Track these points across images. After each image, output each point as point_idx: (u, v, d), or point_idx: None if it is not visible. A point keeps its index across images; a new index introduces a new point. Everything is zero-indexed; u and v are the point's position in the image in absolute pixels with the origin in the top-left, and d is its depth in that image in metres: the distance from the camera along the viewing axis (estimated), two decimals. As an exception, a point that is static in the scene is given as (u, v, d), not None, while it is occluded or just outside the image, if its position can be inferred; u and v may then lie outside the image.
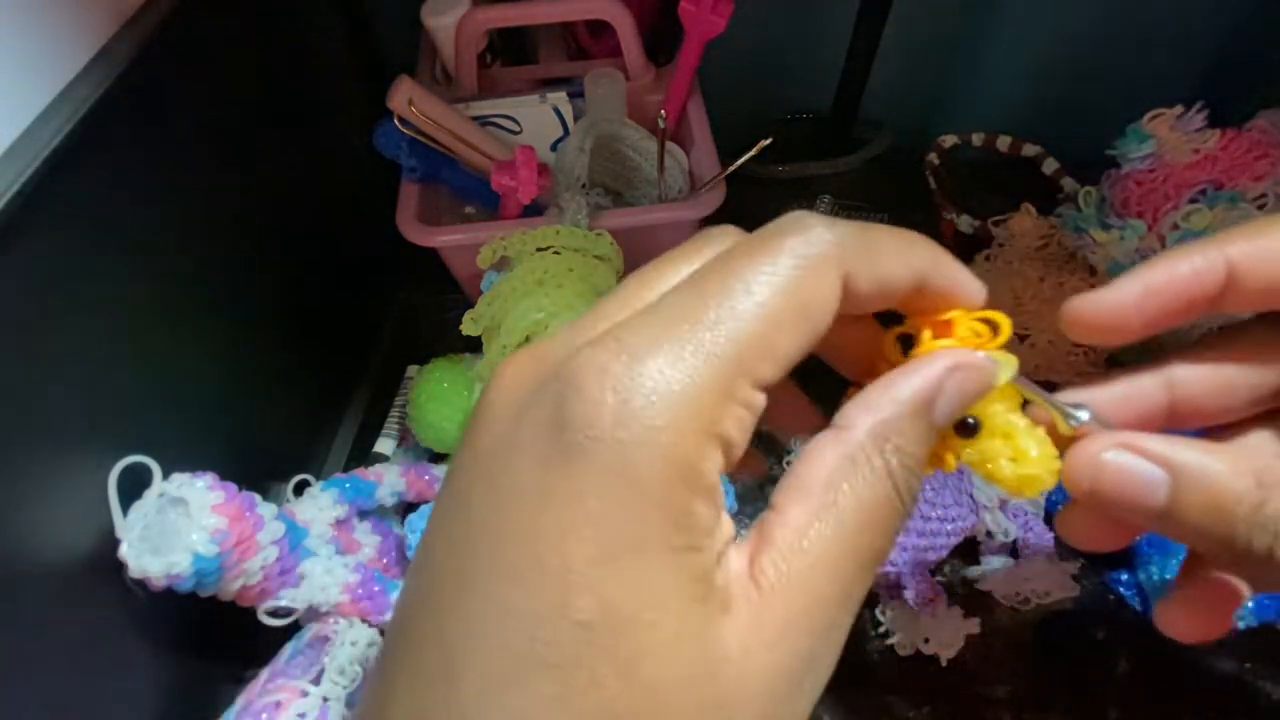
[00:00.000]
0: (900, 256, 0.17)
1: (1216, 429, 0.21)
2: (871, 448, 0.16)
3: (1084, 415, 0.20)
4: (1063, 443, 0.20)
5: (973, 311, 0.19)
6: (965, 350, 0.18)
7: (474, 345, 0.44)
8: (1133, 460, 0.18)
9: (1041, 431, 0.19)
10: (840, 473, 0.15)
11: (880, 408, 0.16)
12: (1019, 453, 0.19)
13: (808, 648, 0.15)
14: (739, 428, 0.15)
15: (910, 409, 0.17)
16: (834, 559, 0.15)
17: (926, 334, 0.19)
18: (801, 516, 0.15)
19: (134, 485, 0.33)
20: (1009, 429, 0.19)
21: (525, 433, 0.14)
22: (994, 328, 0.19)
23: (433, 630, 0.14)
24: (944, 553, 0.44)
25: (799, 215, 0.17)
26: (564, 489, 0.14)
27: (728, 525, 0.15)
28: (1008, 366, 0.19)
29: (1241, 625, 0.40)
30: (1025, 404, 0.20)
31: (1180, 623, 0.21)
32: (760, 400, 0.15)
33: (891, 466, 0.16)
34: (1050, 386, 0.21)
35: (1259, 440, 0.21)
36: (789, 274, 0.15)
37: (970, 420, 0.19)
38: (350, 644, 0.36)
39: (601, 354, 0.14)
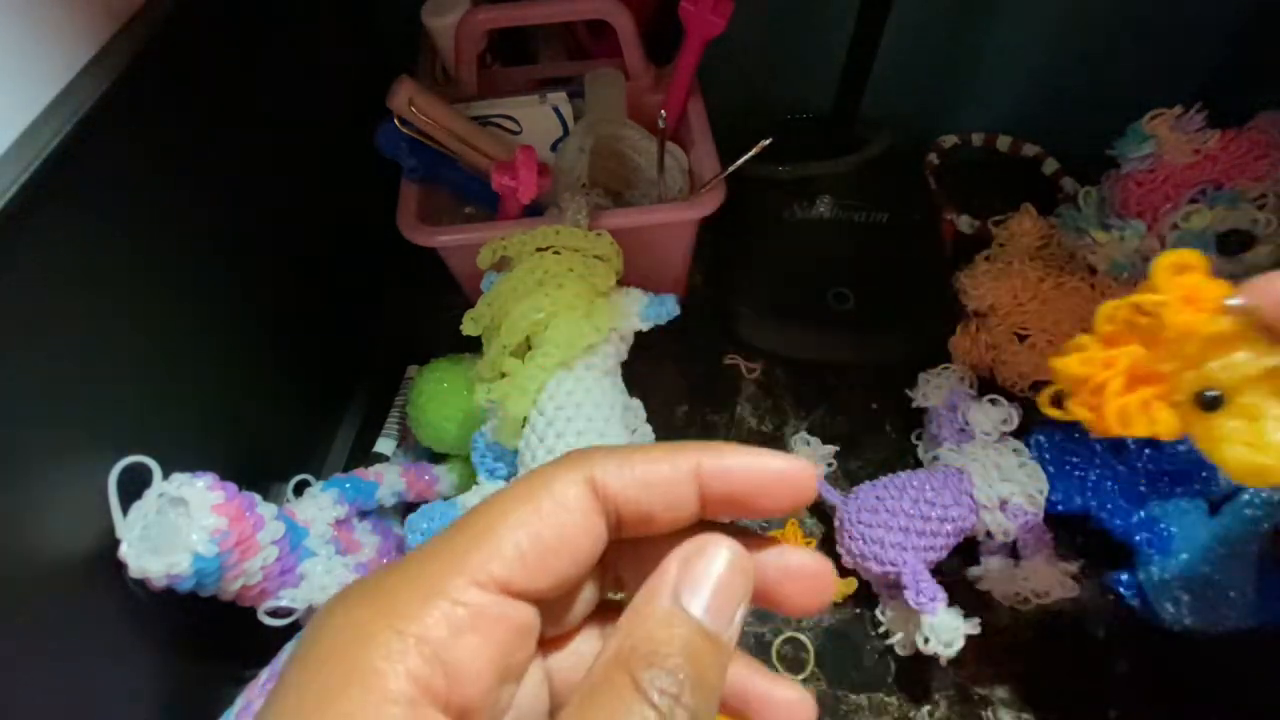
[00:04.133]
0: (664, 451, 0.17)
1: None
2: (614, 669, 0.14)
3: None
4: None
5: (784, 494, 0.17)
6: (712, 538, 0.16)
7: (474, 345, 0.44)
8: None
9: None
10: (584, 694, 0.14)
11: (627, 629, 0.15)
12: (1258, 438, 0.16)
13: None
14: (437, 619, 0.15)
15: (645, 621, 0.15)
16: None
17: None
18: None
19: (134, 485, 0.33)
20: (1257, 411, 0.16)
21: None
22: None
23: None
24: (944, 553, 0.44)
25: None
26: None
27: None
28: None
29: (1242, 625, 0.40)
30: None
31: None
32: (482, 597, 0.15)
33: (639, 684, 0.14)
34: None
35: None
36: (518, 484, 0.16)
37: (1211, 394, 0.16)
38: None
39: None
